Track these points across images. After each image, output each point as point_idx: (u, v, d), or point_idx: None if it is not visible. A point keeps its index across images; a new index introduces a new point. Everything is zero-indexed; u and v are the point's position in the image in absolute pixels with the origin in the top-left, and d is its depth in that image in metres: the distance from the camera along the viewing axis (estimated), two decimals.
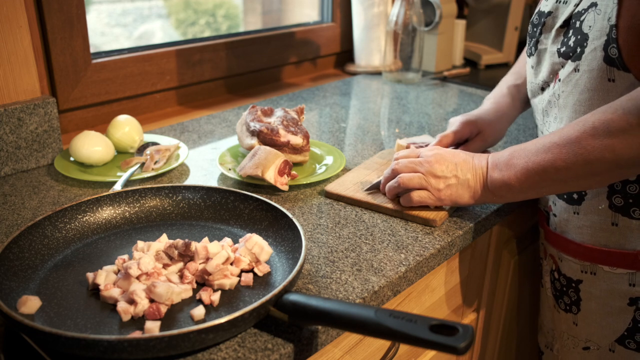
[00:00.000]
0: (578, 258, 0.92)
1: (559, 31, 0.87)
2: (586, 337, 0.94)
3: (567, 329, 0.97)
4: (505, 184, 0.83)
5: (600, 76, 0.80)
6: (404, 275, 0.79)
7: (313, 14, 1.85)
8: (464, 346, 0.54)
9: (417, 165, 0.89)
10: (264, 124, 1.06)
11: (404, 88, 1.64)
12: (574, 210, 0.90)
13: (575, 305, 0.94)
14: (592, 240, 0.89)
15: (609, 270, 0.88)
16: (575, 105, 0.84)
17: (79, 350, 0.57)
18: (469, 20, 2.00)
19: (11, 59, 1.01)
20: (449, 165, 0.87)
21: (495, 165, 0.85)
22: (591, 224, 0.88)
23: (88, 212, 0.81)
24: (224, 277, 0.70)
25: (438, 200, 0.88)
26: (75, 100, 1.24)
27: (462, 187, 0.87)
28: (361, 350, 0.82)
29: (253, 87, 1.63)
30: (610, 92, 0.80)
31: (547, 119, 0.93)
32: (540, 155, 0.79)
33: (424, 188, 0.88)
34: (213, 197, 0.86)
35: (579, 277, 0.92)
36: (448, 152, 0.89)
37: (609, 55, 0.78)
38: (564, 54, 0.85)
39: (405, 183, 0.89)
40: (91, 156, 1.03)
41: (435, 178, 0.87)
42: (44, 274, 0.72)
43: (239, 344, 0.64)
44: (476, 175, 0.86)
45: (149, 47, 1.38)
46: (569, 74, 0.85)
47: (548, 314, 1.03)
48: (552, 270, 0.98)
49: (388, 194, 0.93)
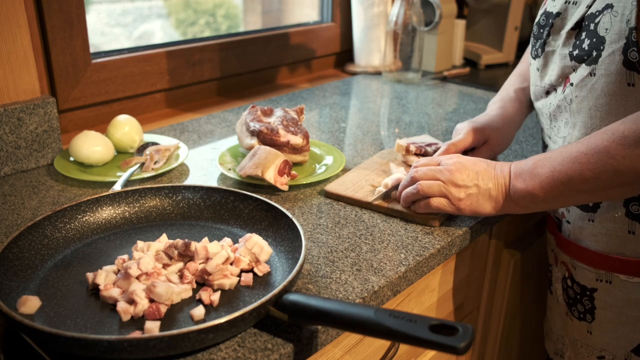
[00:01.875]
0: (593, 266, 0.89)
1: (570, 33, 0.85)
2: (601, 346, 0.92)
3: (580, 337, 0.95)
4: (529, 194, 0.81)
5: (619, 80, 0.78)
6: (404, 275, 0.79)
7: (313, 14, 1.85)
8: (464, 346, 0.54)
9: (437, 173, 0.86)
10: (264, 124, 1.06)
11: (403, 88, 1.64)
12: (589, 218, 0.88)
13: (589, 314, 0.92)
14: (608, 248, 0.87)
15: (625, 279, 0.86)
16: (591, 110, 0.82)
17: (79, 350, 0.57)
18: (468, 20, 2.00)
19: (11, 59, 1.01)
20: (469, 174, 0.85)
21: (519, 174, 0.82)
22: (607, 231, 0.86)
23: (88, 212, 0.81)
24: (224, 277, 0.70)
25: (457, 209, 0.85)
26: (75, 100, 1.24)
27: (483, 197, 0.84)
28: (361, 350, 0.82)
29: (253, 87, 1.63)
30: (629, 97, 0.78)
31: (555, 124, 0.91)
32: (566, 164, 0.77)
33: (444, 196, 0.85)
34: (213, 197, 0.86)
35: (594, 286, 0.90)
36: (469, 161, 0.86)
37: (629, 58, 0.76)
38: (577, 57, 0.83)
39: (424, 190, 0.86)
40: (91, 156, 1.03)
41: (456, 187, 0.84)
42: (43, 274, 0.72)
43: (238, 344, 0.64)
44: (498, 184, 0.84)
45: (149, 47, 1.38)
46: (583, 78, 0.82)
47: (558, 321, 1.01)
48: (565, 277, 0.96)
49: (404, 201, 0.90)
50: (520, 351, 1.30)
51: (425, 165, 0.90)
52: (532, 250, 1.19)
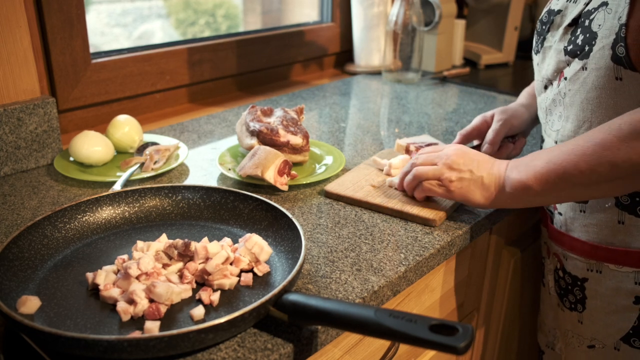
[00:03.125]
0: (584, 256, 0.91)
1: (566, 29, 0.87)
2: (591, 335, 0.94)
3: (571, 327, 0.97)
4: (522, 184, 0.81)
5: (608, 75, 0.79)
6: (404, 275, 0.79)
7: (313, 14, 1.85)
8: (463, 346, 0.54)
9: (436, 158, 0.88)
10: (264, 124, 1.06)
11: (403, 88, 1.64)
12: (580, 209, 0.90)
13: (580, 304, 0.94)
14: (598, 238, 0.89)
15: (615, 268, 0.88)
16: (583, 104, 0.84)
17: (79, 350, 0.57)
18: (468, 20, 2.00)
19: (11, 59, 1.01)
20: (466, 160, 0.86)
21: (515, 166, 0.83)
22: (597, 222, 0.88)
23: (88, 212, 0.81)
24: (224, 277, 0.70)
25: (447, 191, 0.87)
26: (75, 100, 1.24)
27: (475, 184, 0.85)
28: (361, 350, 0.82)
29: (252, 87, 1.63)
30: (618, 91, 0.79)
31: (550, 118, 0.93)
32: (562, 156, 0.78)
33: (436, 178, 0.87)
34: (213, 197, 0.86)
35: (585, 276, 0.92)
36: (471, 150, 0.88)
37: (617, 53, 0.77)
38: (571, 52, 0.84)
39: (419, 173, 0.88)
40: (91, 156, 1.03)
41: (450, 169, 0.86)
42: (43, 274, 0.72)
43: (238, 344, 0.64)
44: (492, 174, 0.85)
45: (149, 47, 1.38)
46: (576, 72, 0.84)
47: (550, 313, 1.03)
48: (557, 268, 0.98)
49: (406, 188, 0.92)
50: (520, 351, 1.30)
51: (427, 152, 0.92)
52: (532, 250, 1.19)
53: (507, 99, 1.56)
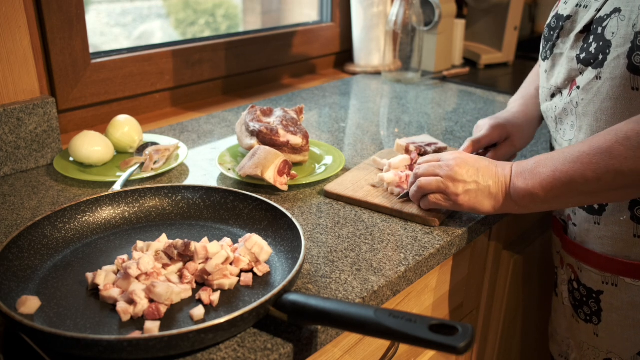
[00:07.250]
0: (599, 269, 0.89)
1: (578, 36, 0.85)
2: (608, 348, 0.92)
3: (587, 339, 0.95)
4: (529, 193, 0.80)
5: (624, 84, 0.77)
6: (404, 275, 0.79)
7: (312, 14, 1.85)
8: (463, 346, 0.54)
9: (437, 168, 0.86)
10: (264, 124, 1.06)
11: (403, 88, 1.64)
12: (595, 221, 0.88)
13: (595, 316, 0.92)
14: (614, 251, 0.87)
15: (631, 282, 0.86)
16: (597, 114, 0.82)
17: (79, 350, 0.57)
18: (468, 20, 2.00)
19: (10, 59, 1.01)
20: (469, 170, 0.84)
21: (520, 173, 0.82)
22: (612, 234, 0.86)
23: (87, 212, 0.81)
24: (224, 277, 0.70)
25: (455, 204, 0.85)
26: (75, 100, 1.24)
27: (483, 194, 0.84)
28: (361, 350, 0.82)
29: (252, 87, 1.63)
30: (633, 101, 0.77)
31: (561, 127, 0.91)
32: (568, 164, 0.76)
33: (441, 192, 0.85)
34: (212, 197, 0.86)
35: (600, 288, 0.90)
36: (470, 157, 0.86)
37: (634, 63, 0.76)
38: (584, 60, 0.82)
39: (423, 186, 0.87)
40: (90, 156, 1.03)
41: (454, 182, 0.84)
42: (43, 274, 0.72)
43: (238, 344, 0.64)
44: (498, 182, 0.83)
45: (149, 47, 1.38)
46: (589, 82, 0.82)
47: (563, 323, 1.01)
48: (571, 280, 0.96)
49: (412, 199, 0.91)
50: (521, 351, 1.30)
51: (427, 161, 0.90)
52: (532, 251, 1.19)
53: (507, 98, 1.56)
